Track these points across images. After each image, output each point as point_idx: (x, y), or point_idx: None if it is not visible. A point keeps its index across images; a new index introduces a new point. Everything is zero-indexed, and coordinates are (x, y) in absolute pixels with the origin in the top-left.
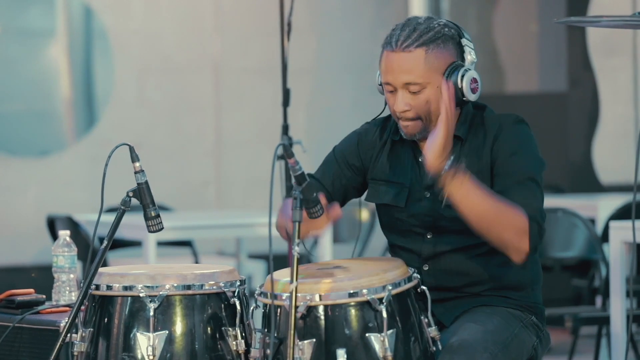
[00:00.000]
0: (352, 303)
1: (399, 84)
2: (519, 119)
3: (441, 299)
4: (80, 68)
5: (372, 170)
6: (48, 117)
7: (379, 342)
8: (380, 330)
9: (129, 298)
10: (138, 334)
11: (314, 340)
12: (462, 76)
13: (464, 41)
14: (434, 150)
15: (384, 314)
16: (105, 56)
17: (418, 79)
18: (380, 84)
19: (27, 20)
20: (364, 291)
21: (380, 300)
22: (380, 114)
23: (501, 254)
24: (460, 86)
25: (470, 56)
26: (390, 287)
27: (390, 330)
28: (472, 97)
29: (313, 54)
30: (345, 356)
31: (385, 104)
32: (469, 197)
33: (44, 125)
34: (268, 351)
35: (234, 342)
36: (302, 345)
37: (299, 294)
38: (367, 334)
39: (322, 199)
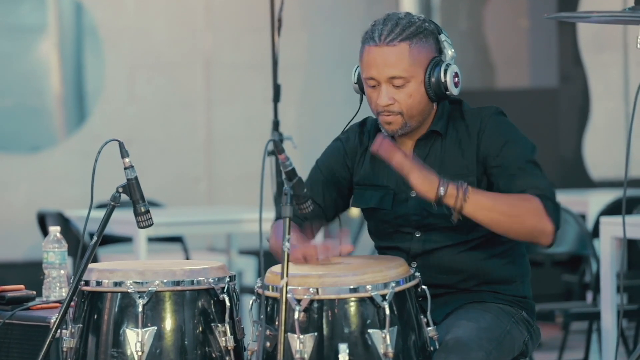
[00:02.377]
0: (356, 298)
1: (383, 78)
2: (498, 111)
3: (431, 295)
4: (70, 64)
5: (356, 175)
6: (39, 112)
7: (381, 338)
8: (382, 327)
9: (118, 294)
10: (127, 330)
11: (316, 334)
12: (445, 71)
13: (442, 37)
14: (420, 183)
15: (387, 311)
16: (96, 52)
17: (402, 72)
18: (357, 82)
19: (17, 16)
20: (368, 287)
21: (384, 296)
22: (355, 116)
23: (489, 248)
24: (443, 80)
25: (450, 51)
26: (393, 285)
27: (392, 327)
28: (455, 92)
29: (304, 49)
30: (348, 351)
31: (360, 104)
32: (480, 208)
33: (35, 120)
34: (268, 344)
35: (223, 338)
36: (304, 338)
37: (301, 287)
38: (369, 330)
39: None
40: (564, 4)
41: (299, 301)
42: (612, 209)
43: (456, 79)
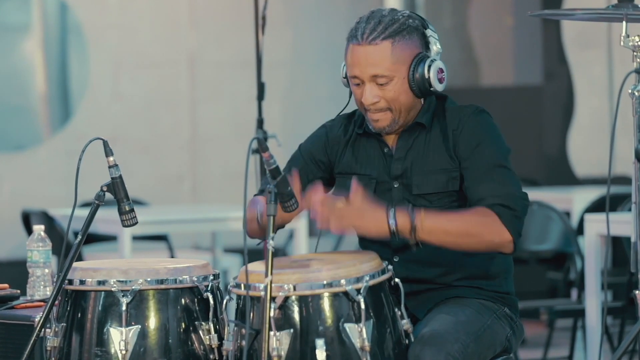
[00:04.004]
0: (330, 293)
1: (367, 77)
2: (478, 110)
3: (414, 292)
4: (55, 62)
5: (339, 164)
6: (23, 111)
7: (357, 332)
8: (357, 321)
9: (102, 293)
10: (111, 329)
11: (291, 330)
12: (429, 67)
13: (428, 32)
14: (367, 226)
15: (362, 305)
16: (81, 50)
17: (385, 71)
18: (345, 77)
19: (1, 15)
20: (342, 281)
21: (358, 290)
22: (345, 107)
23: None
24: (427, 77)
25: (435, 47)
26: (367, 278)
27: (368, 321)
28: (439, 88)
29: (288, 47)
30: (325, 347)
31: (350, 97)
32: (435, 234)
33: (19, 119)
34: (243, 343)
35: (207, 337)
36: (280, 335)
37: (275, 285)
38: (344, 325)
39: (296, 181)
40: (548, 1)
41: (273, 298)
42: (597, 206)
43: (441, 74)
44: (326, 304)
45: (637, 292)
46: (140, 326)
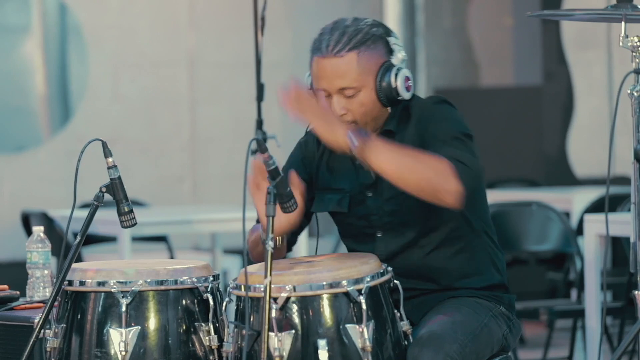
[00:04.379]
0: (331, 294)
1: (334, 90)
2: (440, 100)
3: (408, 297)
4: (55, 63)
5: (316, 181)
6: (23, 112)
7: (358, 333)
8: (359, 322)
9: (102, 294)
10: (110, 330)
11: (293, 331)
12: (396, 75)
13: (391, 40)
14: (325, 132)
15: (363, 305)
16: (80, 51)
17: (353, 83)
18: (311, 87)
19: (1, 16)
20: (343, 282)
21: (360, 291)
22: None
23: (454, 244)
24: (394, 85)
25: (400, 54)
26: (368, 279)
27: (369, 322)
28: (406, 96)
29: (288, 48)
30: (327, 347)
31: None
32: (383, 157)
33: (19, 120)
34: (244, 344)
35: (207, 338)
36: (281, 336)
37: (276, 285)
38: (346, 325)
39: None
40: (548, 2)
41: (275, 299)
42: (597, 207)
43: (407, 82)
44: (327, 305)
45: (636, 292)
46: (140, 327)
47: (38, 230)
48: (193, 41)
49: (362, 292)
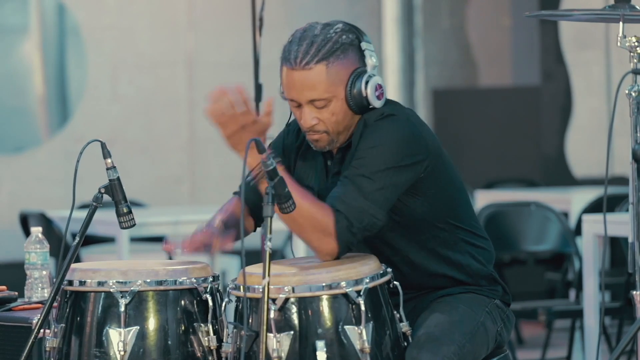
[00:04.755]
0: (330, 295)
1: (304, 101)
2: (384, 115)
3: (403, 300)
4: (53, 64)
5: (292, 173)
6: (21, 113)
7: (357, 334)
8: (357, 323)
9: (101, 294)
10: (110, 330)
11: (292, 332)
12: (367, 83)
13: (363, 45)
14: (233, 139)
15: (362, 307)
16: (79, 52)
17: (323, 94)
18: (283, 93)
19: None
20: (342, 283)
21: (358, 292)
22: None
23: (436, 244)
24: (364, 94)
25: (371, 60)
26: (367, 280)
27: (368, 323)
28: (377, 104)
29: None
30: (325, 348)
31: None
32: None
33: (18, 121)
34: (243, 345)
35: (206, 338)
36: (280, 337)
37: (275, 286)
38: (344, 326)
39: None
40: (546, 2)
41: (274, 300)
42: (595, 207)
43: (379, 90)
44: (326, 306)
45: (634, 292)
46: (139, 327)
47: (36, 230)
48: (192, 42)
49: (361, 293)
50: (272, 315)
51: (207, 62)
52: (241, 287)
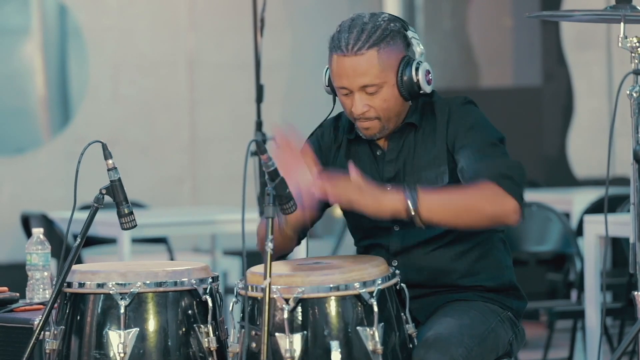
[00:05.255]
0: (343, 296)
1: (355, 88)
2: (467, 100)
3: (416, 296)
4: (54, 65)
5: (333, 171)
6: (23, 114)
7: (369, 335)
8: (370, 324)
9: (101, 295)
10: (109, 332)
11: (305, 332)
12: (417, 69)
13: (409, 34)
14: (365, 205)
15: (375, 308)
16: (80, 53)
17: (374, 80)
18: (328, 85)
19: (1, 18)
20: (356, 284)
21: (371, 294)
22: (330, 114)
23: (464, 243)
24: (416, 80)
25: (418, 48)
26: (379, 282)
27: (380, 324)
28: (428, 89)
29: (287, 49)
30: (340, 349)
31: (335, 103)
32: (435, 210)
33: (19, 122)
34: (253, 345)
35: (206, 339)
36: (292, 338)
37: (288, 287)
38: (357, 327)
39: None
40: (547, 2)
41: (287, 300)
42: (596, 208)
43: (428, 76)
44: (339, 307)
45: (636, 293)
46: (139, 329)
47: (38, 232)
48: (192, 42)
49: (374, 294)
50: (285, 315)
51: (208, 62)
52: (249, 287)
